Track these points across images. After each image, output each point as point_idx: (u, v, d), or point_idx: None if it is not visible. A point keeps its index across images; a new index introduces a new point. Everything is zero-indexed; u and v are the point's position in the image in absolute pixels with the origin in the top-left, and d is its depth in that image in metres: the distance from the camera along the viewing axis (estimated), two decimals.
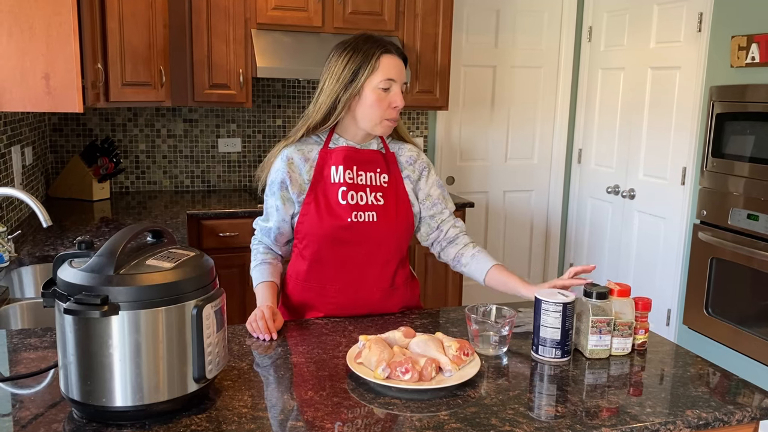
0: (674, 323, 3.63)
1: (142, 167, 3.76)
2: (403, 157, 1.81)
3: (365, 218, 1.70)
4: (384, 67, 1.66)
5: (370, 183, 1.74)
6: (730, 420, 1.27)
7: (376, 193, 1.73)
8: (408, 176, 1.80)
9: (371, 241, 1.72)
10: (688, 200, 3.51)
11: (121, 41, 3.02)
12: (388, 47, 1.69)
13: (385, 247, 1.74)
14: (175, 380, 1.18)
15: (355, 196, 1.71)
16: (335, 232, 1.70)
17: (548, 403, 1.31)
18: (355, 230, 1.70)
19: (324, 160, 1.73)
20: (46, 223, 1.79)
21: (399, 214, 1.75)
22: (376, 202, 1.73)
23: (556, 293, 1.51)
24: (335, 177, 1.72)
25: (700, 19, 3.38)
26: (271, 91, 3.88)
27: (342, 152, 1.73)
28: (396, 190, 1.77)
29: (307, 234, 1.72)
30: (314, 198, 1.71)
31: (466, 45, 4.18)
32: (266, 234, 1.81)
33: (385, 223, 1.72)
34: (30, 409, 1.22)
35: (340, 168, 1.72)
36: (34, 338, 1.54)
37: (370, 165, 1.75)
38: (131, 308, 1.12)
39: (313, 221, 1.70)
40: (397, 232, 1.75)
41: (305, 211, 1.72)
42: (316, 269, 1.74)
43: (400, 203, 1.76)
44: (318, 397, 1.28)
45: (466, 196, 4.25)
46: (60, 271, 1.17)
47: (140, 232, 1.21)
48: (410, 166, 1.81)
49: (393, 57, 1.69)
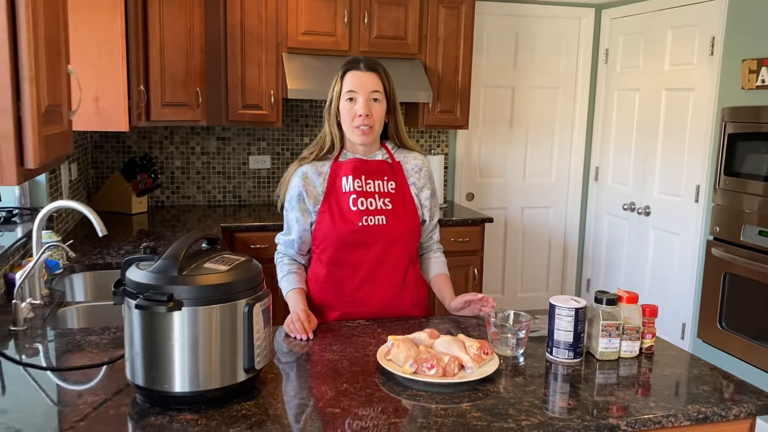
0: (689, 336, 3.72)
1: (177, 182, 3.96)
2: (408, 165, 1.98)
3: (375, 222, 1.88)
4: (347, 82, 1.87)
5: (379, 190, 1.91)
6: (727, 415, 1.39)
7: (384, 198, 1.91)
8: (414, 183, 1.98)
9: (382, 242, 1.89)
10: (701, 217, 3.61)
11: (162, 65, 3.22)
12: (353, 64, 1.89)
13: (395, 248, 1.91)
14: (227, 370, 1.33)
15: (365, 203, 1.88)
16: (348, 235, 1.87)
17: (561, 398, 1.44)
18: (367, 233, 1.87)
19: (335, 173, 1.91)
20: (102, 232, 1.96)
21: (406, 217, 1.92)
22: (384, 207, 1.90)
23: (569, 299, 1.64)
24: (346, 186, 1.89)
25: (712, 43, 3.51)
26: (300, 111, 4.07)
27: (351, 164, 1.91)
28: (403, 195, 1.94)
29: (324, 239, 1.90)
30: (328, 207, 1.89)
31: (486, 66, 4.34)
32: (290, 246, 1.98)
33: (393, 226, 1.90)
34: (99, 394, 1.38)
35: (350, 178, 1.90)
36: (94, 336, 1.71)
37: (378, 174, 1.93)
38: (191, 305, 1.28)
39: (328, 227, 1.88)
40: (405, 234, 1.92)
41: (321, 219, 1.90)
42: (333, 271, 1.91)
43: (407, 207, 1.94)
44: (352, 389, 1.43)
45: (485, 211, 4.38)
46: (129, 272, 1.34)
47: (199, 239, 1.37)
48: (416, 174, 1.98)
49: (356, 72, 1.87)
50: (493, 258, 4.51)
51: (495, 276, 4.57)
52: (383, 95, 1.88)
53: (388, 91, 1.90)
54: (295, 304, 1.86)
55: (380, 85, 1.88)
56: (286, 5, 3.59)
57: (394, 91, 1.93)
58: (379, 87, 1.87)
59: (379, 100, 1.87)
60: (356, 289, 1.92)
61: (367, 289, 1.91)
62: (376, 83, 1.87)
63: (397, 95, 1.94)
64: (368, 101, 1.85)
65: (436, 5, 3.82)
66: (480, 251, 3.85)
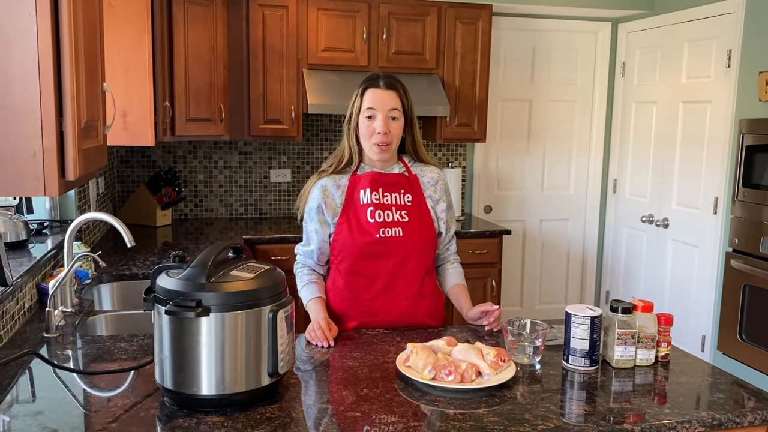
0: (709, 349, 3.71)
1: (200, 196, 4.05)
2: (425, 178, 2.03)
3: (392, 233, 1.92)
4: (366, 99, 1.92)
5: (395, 202, 1.96)
6: (742, 421, 1.41)
7: (401, 211, 1.95)
8: (430, 196, 2.02)
9: (398, 253, 1.93)
10: (720, 229, 3.61)
11: (187, 81, 3.32)
12: (373, 82, 1.94)
13: (411, 259, 1.96)
14: (252, 374, 1.38)
15: (382, 215, 1.93)
16: (366, 247, 1.92)
17: (577, 404, 1.47)
18: (384, 244, 1.92)
19: (353, 186, 1.96)
20: (130, 243, 2.03)
21: (423, 229, 1.97)
22: (401, 219, 1.94)
23: (585, 308, 1.67)
24: (364, 199, 1.94)
25: (729, 56, 3.52)
26: (319, 126, 4.15)
27: (369, 177, 1.96)
28: (419, 208, 1.99)
29: (341, 250, 1.95)
30: (346, 219, 1.94)
31: (504, 80, 4.39)
32: (309, 256, 2.03)
33: (410, 238, 1.94)
34: (129, 397, 1.44)
35: (367, 191, 1.95)
36: (123, 342, 1.78)
37: (395, 186, 1.98)
38: (218, 311, 1.34)
39: (346, 238, 1.93)
40: (421, 245, 1.97)
41: (339, 231, 1.94)
42: (351, 281, 1.96)
43: (424, 219, 1.98)
44: (372, 394, 1.47)
45: (503, 224, 4.41)
46: (159, 279, 1.40)
47: (225, 248, 1.43)
48: (432, 187, 2.03)
49: (376, 90, 1.92)
50: (512, 270, 4.53)
51: (514, 288, 4.58)
52: (401, 113, 1.93)
53: (406, 108, 1.95)
54: (316, 312, 1.91)
55: (399, 103, 1.92)
56: (307, 22, 3.67)
57: (412, 107, 1.97)
58: (397, 105, 1.92)
59: (397, 118, 1.92)
60: (373, 299, 1.96)
61: (384, 300, 1.96)
62: (395, 101, 1.92)
63: (414, 111, 1.99)
64: (387, 119, 1.90)
65: (453, 21, 3.89)
66: (498, 263, 3.87)
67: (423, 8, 3.83)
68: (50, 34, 1.03)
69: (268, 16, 3.62)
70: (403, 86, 1.96)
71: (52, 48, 1.03)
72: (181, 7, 3.22)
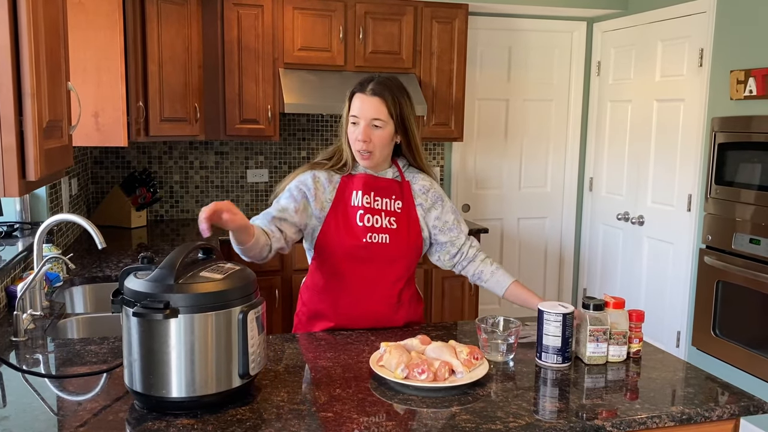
0: (684, 344, 3.75)
1: (176, 197, 4.01)
2: (417, 186, 2.00)
3: (379, 240, 1.90)
4: (353, 104, 1.88)
5: (386, 208, 1.94)
6: (710, 416, 1.43)
7: (390, 217, 1.93)
8: (420, 204, 1.99)
9: (383, 260, 1.91)
10: (694, 226, 3.66)
11: (161, 81, 3.28)
12: (361, 86, 1.88)
13: (395, 267, 1.94)
14: (222, 376, 1.37)
15: (371, 219, 1.91)
16: (352, 250, 1.89)
17: (550, 401, 1.48)
18: (370, 250, 1.90)
19: (345, 185, 1.93)
20: (101, 244, 2.00)
21: (410, 237, 1.94)
22: (389, 225, 1.92)
23: (557, 305, 1.68)
24: (355, 200, 1.92)
25: (701, 55, 3.57)
26: (297, 125, 4.13)
27: (362, 179, 1.93)
28: (408, 215, 1.96)
29: (326, 248, 1.91)
30: (335, 218, 1.91)
31: (480, 80, 4.40)
32: (264, 217, 1.84)
33: (396, 245, 1.92)
34: (98, 401, 1.42)
35: (359, 193, 1.92)
36: (93, 345, 1.75)
37: (386, 192, 1.95)
38: (187, 312, 1.32)
39: (333, 239, 1.90)
40: (406, 254, 1.95)
41: (326, 229, 1.91)
42: (332, 282, 1.94)
43: (412, 228, 1.96)
44: (345, 394, 1.47)
45: (481, 222, 4.43)
46: (127, 281, 1.38)
47: (194, 248, 1.41)
48: (423, 195, 2.00)
49: (362, 96, 1.86)
50: None
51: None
52: (386, 122, 1.85)
53: (395, 115, 1.86)
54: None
55: (383, 112, 1.84)
56: (283, 21, 3.66)
57: (405, 113, 1.89)
58: (381, 114, 1.84)
59: (381, 127, 1.85)
60: (352, 303, 1.93)
61: (362, 305, 1.93)
62: (378, 110, 1.84)
63: (410, 116, 1.91)
64: (368, 127, 1.84)
65: (429, 20, 3.89)
66: None
67: (399, 8, 3.83)
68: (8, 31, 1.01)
69: (243, 16, 3.60)
70: (393, 93, 1.87)
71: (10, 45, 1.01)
72: (154, 5, 3.18)
